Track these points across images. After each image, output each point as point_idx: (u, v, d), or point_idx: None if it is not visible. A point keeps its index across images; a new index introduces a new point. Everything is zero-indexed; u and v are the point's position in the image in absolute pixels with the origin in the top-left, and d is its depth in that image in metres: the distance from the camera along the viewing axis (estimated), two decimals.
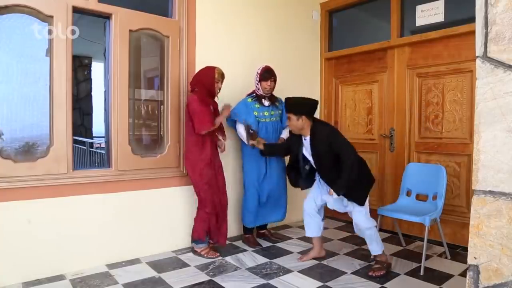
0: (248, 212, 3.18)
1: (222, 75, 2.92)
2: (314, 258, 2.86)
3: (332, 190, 2.51)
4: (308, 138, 2.56)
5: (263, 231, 3.39)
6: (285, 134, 3.26)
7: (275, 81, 3.15)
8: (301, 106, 2.52)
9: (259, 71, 3.13)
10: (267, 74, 3.10)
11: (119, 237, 2.78)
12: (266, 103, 3.19)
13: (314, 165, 2.64)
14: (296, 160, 2.72)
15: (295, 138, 2.67)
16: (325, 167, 2.56)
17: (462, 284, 1.36)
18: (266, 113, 3.18)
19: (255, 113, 3.13)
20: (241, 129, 3.09)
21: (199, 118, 2.77)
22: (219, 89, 2.95)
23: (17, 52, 2.42)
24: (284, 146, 2.97)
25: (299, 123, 2.51)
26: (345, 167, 2.43)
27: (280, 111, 3.27)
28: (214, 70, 2.87)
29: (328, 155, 2.48)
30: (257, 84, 3.14)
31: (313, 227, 2.82)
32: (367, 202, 2.59)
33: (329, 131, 2.53)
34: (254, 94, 3.19)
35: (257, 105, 3.15)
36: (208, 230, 2.92)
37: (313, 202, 2.80)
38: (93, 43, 5.23)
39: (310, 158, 2.63)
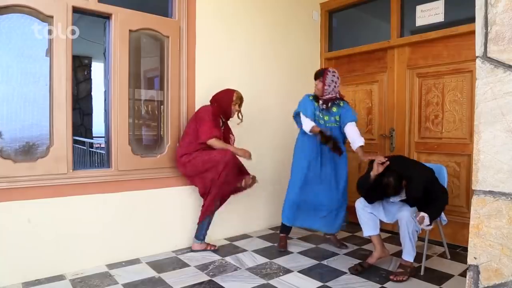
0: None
1: (240, 99, 2.99)
2: (315, 259, 2.85)
3: (426, 218, 2.35)
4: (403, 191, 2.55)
5: (329, 236, 3.25)
6: (359, 141, 2.85)
7: (322, 81, 2.96)
8: (398, 180, 2.45)
9: None
10: (316, 73, 3.07)
11: (119, 237, 2.78)
12: (321, 105, 2.99)
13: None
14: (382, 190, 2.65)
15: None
16: (417, 202, 2.54)
17: (462, 284, 1.36)
18: (320, 115, 2.99)
19: (316, 113, 3.00)
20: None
21: (208, 125, 2.81)
22: (237, 112, 3.00)
23: (17, 52, 2.42)
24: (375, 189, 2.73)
25: (402, 187, 2.49)
26: (434, 203, 2.45)
27: (335, 117, 2.99)
28: (233, 93, 2.96)
29: (422, 196, 2.47)
30: None
31: (369, 223, 2.65)
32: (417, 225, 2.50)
33: (430, 177, 2.51)
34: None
35: (316, 104, 3.01)
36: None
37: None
38: (93, 43, 5.24)
39: (397, 199, 2.63)
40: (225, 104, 2.95)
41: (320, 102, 2.99)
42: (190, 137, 2.91)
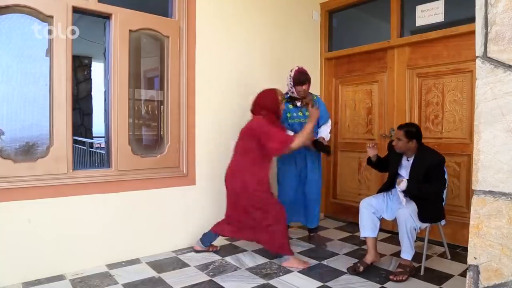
0: None
1: (283, 96, 2.94)
2: (316, 259, 2.85)
3: (403, 182, 2.46)
4: (411, 159, 2.62)
5: (312, 234, 3.39)
6: (324, 134, 3.19)
7: (308, 84, 3.08)
8: (415, 131, 2.59)
9: (292, 74, 3.09)
10: (303, 78, 3.04)
11: (119, 237, 2.78)
12: (298, 103, 3.17)
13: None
14: (392, 181, 2.74)
15: (395, 157, 2.70)
16: (417, 182, 2.57)
17: (462, 284, 1.36)
18: (300, 114, 3.17)
19: (288, 114, 3.16)
20: None
21: (279, 136, 2.65)
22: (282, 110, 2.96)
23: (17, 52, 2.42)
24: (385, 162, 2.90)
25: (409, 145, 2.58)
26: (430, 186, 2.51)
27: None
28: (275, 94, 2.84)
29: (424, 177, 2.52)
30: (291, 88, 3.11)
31: (369, 224, 2.66)
32: (419, 224, 2.52)
33: (438, 162, 2.54)
34: (288, 95, 3.19)
35: (290, 106, 3.17)
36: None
37: (372, 199, 2.74)
38: (93, 43, 5.24)
39: (405, 175, 2.65)
40: (274, 108, 2.81)
41: (299, 103, 3.17)
42: (252, 154, 2.72)
